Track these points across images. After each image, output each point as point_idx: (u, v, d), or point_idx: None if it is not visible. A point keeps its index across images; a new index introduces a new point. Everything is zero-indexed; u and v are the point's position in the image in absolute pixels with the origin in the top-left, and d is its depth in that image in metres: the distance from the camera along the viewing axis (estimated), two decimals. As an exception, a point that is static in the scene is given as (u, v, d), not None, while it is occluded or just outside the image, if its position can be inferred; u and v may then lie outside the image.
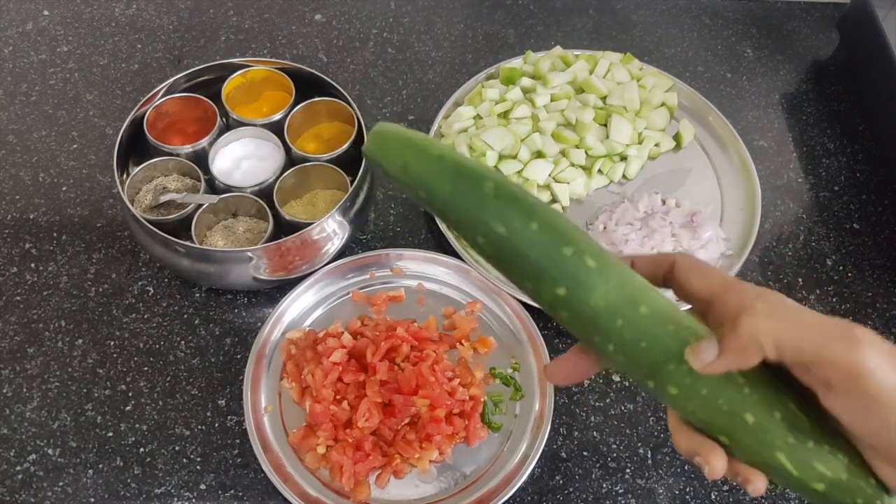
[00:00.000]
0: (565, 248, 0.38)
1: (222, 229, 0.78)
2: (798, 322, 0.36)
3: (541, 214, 0.38)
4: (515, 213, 0.38)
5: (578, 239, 0.38)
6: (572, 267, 0.38)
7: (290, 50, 1.00)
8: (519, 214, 0.38)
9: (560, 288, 0.38)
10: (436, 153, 0.40)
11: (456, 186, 0.39)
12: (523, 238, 0.38)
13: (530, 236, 0.38)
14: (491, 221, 0.38)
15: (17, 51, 0.98)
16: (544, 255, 0.38)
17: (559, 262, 0.38)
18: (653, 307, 0.38)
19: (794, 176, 0.92)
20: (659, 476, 0.71)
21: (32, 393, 0.73)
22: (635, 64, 0.94)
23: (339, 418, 0.68)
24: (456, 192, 0.39)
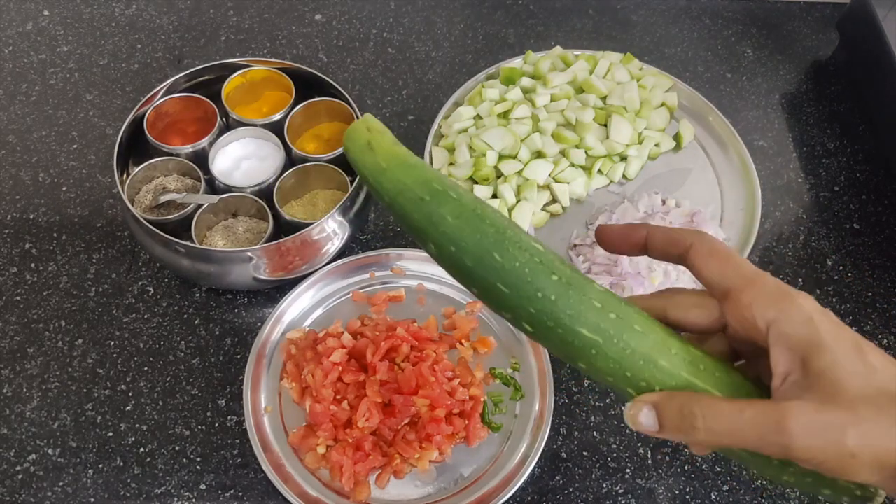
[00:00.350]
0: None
1: (222, 229, 0.78)
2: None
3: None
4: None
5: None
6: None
7: (290, 50, 1.00)
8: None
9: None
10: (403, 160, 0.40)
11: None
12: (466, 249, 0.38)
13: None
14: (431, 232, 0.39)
15: (17, 51, 0.98)
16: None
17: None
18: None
19: (794, 176, 0.92)
20: (659, 476, 0.71)
21: (32, 393, 0.73)
22: (635, 64, 0.94)
23: (339, 418, 0.68)
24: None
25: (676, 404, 0.36)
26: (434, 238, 0.38)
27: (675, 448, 0.72)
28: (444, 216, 0.38)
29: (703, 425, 0.34)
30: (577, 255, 0.82)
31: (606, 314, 0.37)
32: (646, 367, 0.37)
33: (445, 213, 0.38)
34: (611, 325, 0.37)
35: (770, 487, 0.70)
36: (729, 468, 0.71)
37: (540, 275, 0.37)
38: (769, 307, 0.35)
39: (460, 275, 0.39)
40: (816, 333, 0.34)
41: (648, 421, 0.36)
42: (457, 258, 0.38)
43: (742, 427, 0.34)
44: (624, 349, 0.37)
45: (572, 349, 0.37)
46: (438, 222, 0.38)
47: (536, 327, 0.38)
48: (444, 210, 0.38)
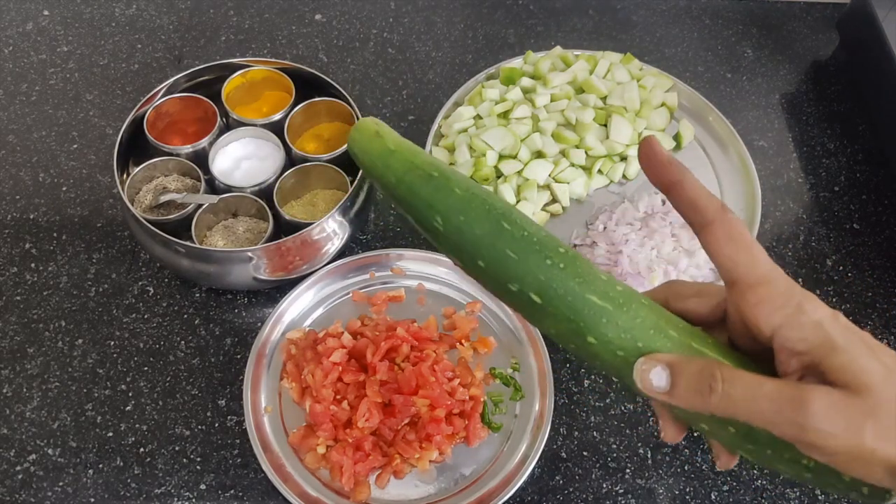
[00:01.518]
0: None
1: (222, 229, 0.78)
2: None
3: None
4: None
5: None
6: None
7: (290, 50, 1.00)
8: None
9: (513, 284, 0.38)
10: (392, 147, 0.41)
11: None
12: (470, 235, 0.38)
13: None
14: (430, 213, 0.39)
15: (18, 51, 0.98)
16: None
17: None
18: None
19: (794, 176, 0.92)
20: (659, 476, 0.71)
21: (32, 393, 0.73)
22: (635, 64, 0.94)
23: (339, 418, 0.68)
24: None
25: (696, 365, 0.35)
26: (442, 209, 0.39)
27: (675, 448, 0.72)
28: (452, 189, 0.39)
29: (722, 389, 0.33)
30: (577, 255, 0.82)
31: (613, 285, 0.37)
32: (657, 336, 0.36)
33: (454, 186, 0.39)
34: (619, 295, 0.37)
35: (770, 487, 0.71)
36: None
37: (548, 244, 0.37)
38: (775, 313, 0.35)
39: (467, 245, 0.38)
40: (828, 337, 0.34)
41: (660, 381, 0.35)
42: (465, 227, 0.38)
43: (760, 398, 0.33)
44: (634, 317, 0.37)
45: (581, 319, 0.37)
46: (448, 195, 0.39)
47: (545, 297, 0.37)
48: (452, 184, 0.39)
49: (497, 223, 0.38)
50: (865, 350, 0.33)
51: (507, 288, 0.38)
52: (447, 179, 0.39)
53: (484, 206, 0.38)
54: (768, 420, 0.33)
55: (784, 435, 0.33)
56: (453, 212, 0.38)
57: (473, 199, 0.38)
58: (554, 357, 0.75)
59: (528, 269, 0.37)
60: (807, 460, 0.35)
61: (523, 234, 0.37)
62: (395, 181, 0.40)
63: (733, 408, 0.34)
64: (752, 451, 0.37)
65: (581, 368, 0.76)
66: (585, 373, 0.76)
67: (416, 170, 0.40)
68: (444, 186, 0.39)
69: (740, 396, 0.33)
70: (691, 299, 0.39)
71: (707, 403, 0.34)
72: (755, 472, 0.71)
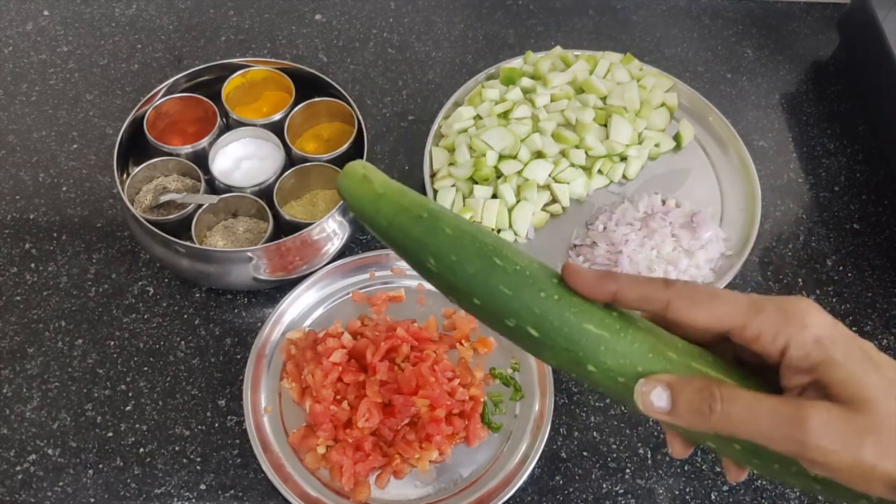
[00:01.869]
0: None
1: (222, 229, 0.78)
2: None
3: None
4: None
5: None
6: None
7: (290, 50, 1.00)
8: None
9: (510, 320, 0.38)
10: (380, 191, 0.41)
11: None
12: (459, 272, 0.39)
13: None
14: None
15: (18, 51, 0.98)
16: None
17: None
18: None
19: (794, 176, 0.92)
20: (659, 476, 0.71)
21: (32, 393, 0.73)
22: (635, 64, 0.94)
23: (339, 418, 0.68)
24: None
25: (695, 385, 0.35)
26: (434, 250, 0.39)
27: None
28: (442, 229, 0.39)
29: (721, 409, 0.34)
30: (577, 255, 0.82)
31: (609, 311, 0.38)
32: (656, 359, 0.37)
33: (444, 226, 0.39)
34: (615, 321, 0.37)
35: (770, 488, 0.70)
36: (729, 468, 0.71)
37: (540, 276, 0.38)
38: (779, 335, 0.35)
39: (461, 284, 0.39)
40: (827, 353, 0.34)
41: (661, 401, 0.35)
42: (458, 267, 0.38)
43: (759, 416, 0.33)
44: (632, 342, 0.37)
45: (580, 349, 0.37)
46: (438, 234, 0.39)
47: (542, 329, 0.37)
48: (441, 224, 0.39)
49: (489, 260, 0.38)
50: (866, 364, 0.34)
51: (504, 324, 0.38)
52: (436, 219, 0.39)
53: (475, 244, 0.38)
54: (768, 437, 0.33)
55: (785, 451, 0.33)
56: (445, 252, 0.39)
57: (464, 236, 0.39)
58: (554, 357, 0.75)
59: (523, 303, 0.37)
60: (814, 473, 0.35)
61: (515, 268, 0.38)
62: (386, 224, 0.41)
63: (733, 426, 0.34)
64: (759, 465, 0.37)
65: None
66: (585, 373, 0.76)
67: (405, 212, 0.40)
68: (433, 227, 0.39)
69: (739, 415, 0.34)
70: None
71: (707, 422, 0.34)
72: (754, 472, 0.71)
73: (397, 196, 0.41)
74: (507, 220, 0.82)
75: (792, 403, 0.33)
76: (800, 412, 0.33)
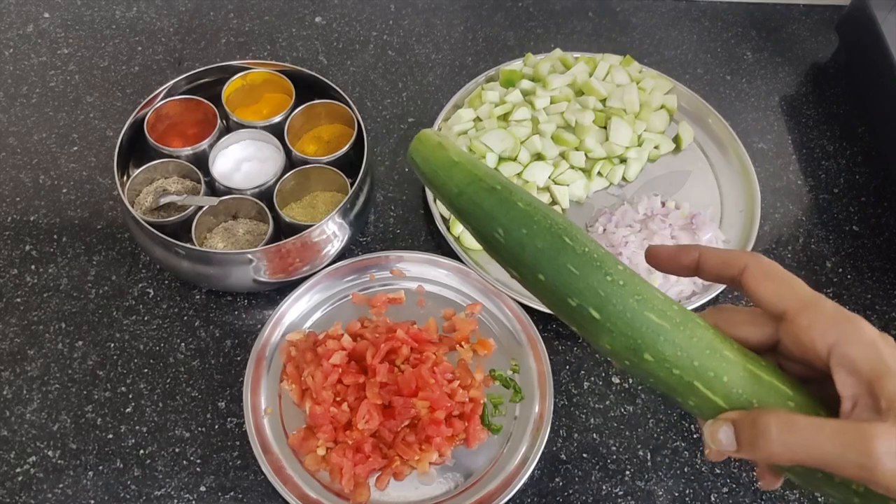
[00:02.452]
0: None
1: (222, 231, 0.78)
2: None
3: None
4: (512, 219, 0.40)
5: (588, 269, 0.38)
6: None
7: (290, 52, 1.00)
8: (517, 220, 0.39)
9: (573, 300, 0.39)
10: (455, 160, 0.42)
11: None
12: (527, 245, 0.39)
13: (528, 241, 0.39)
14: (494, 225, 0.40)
15: (18, 53, 0.99)
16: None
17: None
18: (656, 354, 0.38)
19: (794, 178, 0.92)
20: (659, 478, 0.71)
21: (32, 395, 0.73)
22: (635, 66, 0.94)
23: (339, 420, 0.69)
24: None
25: (751, 417, 0.36)
26: (504, 222, 0.39)
27: (675, 450, 0.72)
28: (515, 202, 0.40)
29: (778, 437, 0.34)
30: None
31: (670, 305, 0.38)
32: (712, 356, 0.37)
33: (517, 200, 0.40)
34: (676, 314, 0.38)
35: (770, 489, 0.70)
36: (729, 470, 0.71)
37: (607, 261, 0.38)
38: (829, 330, 0.35)
39: (528, 258, 0.39)
40: (881, 359, 0.34)
41: (728, 439, 0.36)
42: (527, 241, 0.39)
43: (821, 444, 0.33)
44: (690, 337, 0.37)
45: (639, 336, 0.37)
46: (510, 207, 0.39)
47: (604, 312, 0.38)
48: (514, 198, 0.40)
49: (559, 238, 0.38)
50: None
51: (566, 303, 0.39)
52: (510, 193, 0.40)
53: (546, 221, 0.39)
54: (833, 465, 0.33)
55: (851, 477, 0.33)
56: (515, 225, 0.39)
57: (535, 213, 0.39)
58: (553, 359, 0.75)
59: (589, 284, 0.38)
60: (856, 485, 0.35)
61: (584, 250, 0.38)
62: (456, 192, 0.41)
63: (791, 452, 0.34)
64: (801, 474, 0.37)
65: (581, 370, 0.76)
66: (585, 375, 0.76)
67: (478, 181, 0.41)
68: (506, 199, 0.40)
69: (799, 442, 0.34)
70: (743, 326, 0.39)
71: (767, 450, 0.35)
72: (754, 473, 0.71)
73: (471, 166, 0.42)
74: (507, 221, 0.82)
75: (854, 428, 0.33)
76: (864, 437, 0.33)
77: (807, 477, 0.37)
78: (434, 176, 0.42)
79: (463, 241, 0.81)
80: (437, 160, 0.42)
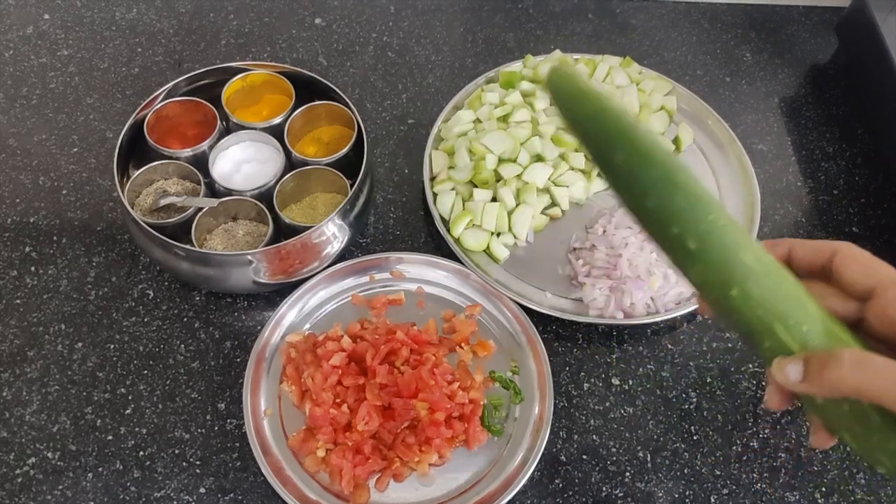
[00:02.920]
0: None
1: (222, 233, 0.78)
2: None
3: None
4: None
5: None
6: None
7: (290, 54, 1.01)
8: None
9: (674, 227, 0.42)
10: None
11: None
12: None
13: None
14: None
15: (18, 54, 0.99)
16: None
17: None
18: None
19: (793, 180, 0.92)
20: (658, 480, 0.71)
21: (32, 396, 0.73)
22: (634, 68, 0.95)
23: (339, 422, 0.68)
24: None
25: (825, 352, 0.38)
26: (628, 146, 0.41)
27: (675, 452, 0.72)
28: (636, 133, 0.42)
29: (850, 365, 0.36)
30: (577, 259, 0.82)
31: (764, 254, 0.41)
32: (796, 305, 0.40)
33: (638, 131, 0.42)
34: (769, 265, 0.41)
35: (769, 491, 0.71)
36: (729, 472, 0.71)
37: (714, 203, 0.41)
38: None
39: (641, 184, 0.42)
40: None
41: (796, 372, 0.38)
42: (645, 165, 0.41)
43: (891, 377, 0.36)
44: (779, 284, 0.40)
45: (730, 272, 0.40)
46: (633, 136, 0.42)
47: (702, 245, 0.41)
48: (637, 128, 0.42)
49: (675, 170, 0.41)
50: None
51: (668, 230, 0.42)
52: (634, 124, 0.42)
53: (665, 155, 0.41)
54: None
55: None
56: (638, 147, 0.42)
57: (656, 147, 0.41)
58: (553, 360, 0.75)
59: (693, 217, 0.41)
60: None
61: (695, 187, 0.41)
62: (583, 117, 0.44)
63: (862, 384, 0.36)
64: (857, 434, 0.39)
65: (581, 372, 0.77)
66: (585, 376, 0.76)
67: (607, 111, 0.43)
68: (630, 128, 0.42)
69: (871, 374, 0.36)
70: (830, 298, 0.42)
71: (838, 380, 0.37)
72: (754, 475, 0.71)
73: (602, 97, 0.43)
74: (507, 223, 0.82)
75: None
76: None
77: (863, 440, 0.39)
78: (569, 95, 0.45)
79: (463, 243, 0.81)
80: (568, 88, 0.45)
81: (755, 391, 0.76)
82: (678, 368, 0.77)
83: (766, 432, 0.74)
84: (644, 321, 0.77)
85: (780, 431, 0.74)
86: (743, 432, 0.74)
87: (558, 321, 0.78)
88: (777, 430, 0.74)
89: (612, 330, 0.79)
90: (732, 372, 0.77)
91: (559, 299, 0.79)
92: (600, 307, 0.78)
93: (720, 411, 0.75)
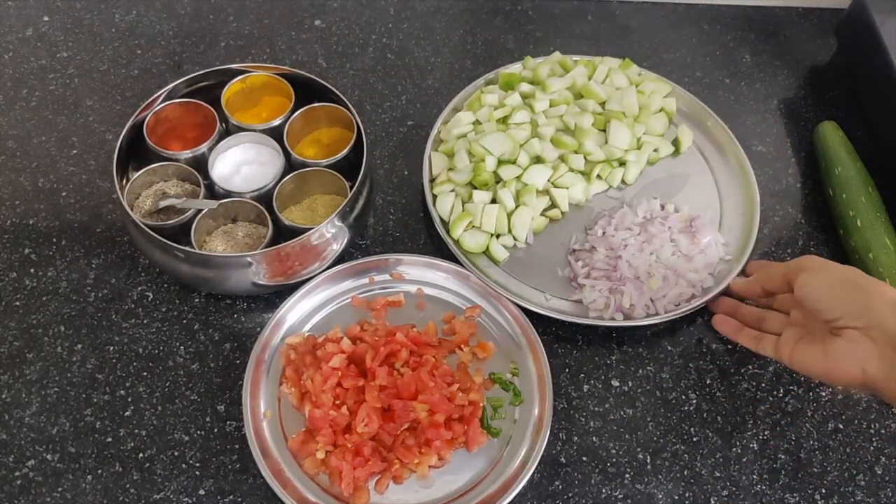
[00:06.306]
0: None
1: (222, 234, 0.78)
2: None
3: None
4: None
5: None
6: None
7: (289, 55, 1.01)
8: None
9: None
10: None
11: None
12: None
13: None
14: None
15: (18, 56, 0.99)
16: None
17: None
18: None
19: (793, 181, 0.92)
20: (658, 481, 0.71)
21: (31, 398, 0.73)
22: (634, 69, 0.95)
23: (339, 423, 0.68)
24: None
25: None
26: (845, 163, 0.83)
27: (675, 453, 0.72)
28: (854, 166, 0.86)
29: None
30: (577, 261, 0.82)
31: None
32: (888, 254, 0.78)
33: (855, 164, 0.87)
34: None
35: (769, 492, 0.71)
36: (728, 473, 0.71)
37: (881, 224, 0.74)
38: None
39: (844, 186, 0.83)
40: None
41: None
42: (848, 181, 0.84)
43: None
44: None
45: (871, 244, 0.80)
46: (852, 161, 0.84)
47: (860, 229, 0.81)
48: (855, 163, 0.84)
49: (868, 191, 0.71)
50: None
51: (847, 215, 0.83)
52: (854, 158, 0.88)
53: (865, 183, 0.83)
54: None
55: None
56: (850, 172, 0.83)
57: (864, 173, 0.83)
58: (553, 362, 0.75)
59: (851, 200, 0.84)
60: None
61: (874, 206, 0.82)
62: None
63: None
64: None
65: (580, 373, 0.76)
66: (585, 378, 0.76)
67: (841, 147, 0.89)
68: (850, 155, 0.86)
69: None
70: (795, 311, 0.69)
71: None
72: (754, 476, 0.71)
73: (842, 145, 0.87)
74: (507, 225, 0.82)
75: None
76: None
77: None
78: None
79: (462, 244, 0.81)
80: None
81: (755, 393, 0.76)
82: (678, 370, 0.77)
83: (766, 434, 0.74)
84: (643, 323, 0.77)
85: (780, 433, 0.74)
86: (743, 434, 0.74)
87: (558, 323, 0.78)
88: (777, 432, 0.74)
89: (612, 331, 0.79)
90: (732, 373, 0.77)
91: (559, 301, 0.79)
92: (600, 309, 0.78)
93: (720, 413, 0.75)
